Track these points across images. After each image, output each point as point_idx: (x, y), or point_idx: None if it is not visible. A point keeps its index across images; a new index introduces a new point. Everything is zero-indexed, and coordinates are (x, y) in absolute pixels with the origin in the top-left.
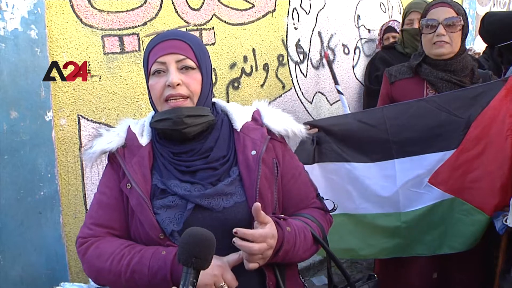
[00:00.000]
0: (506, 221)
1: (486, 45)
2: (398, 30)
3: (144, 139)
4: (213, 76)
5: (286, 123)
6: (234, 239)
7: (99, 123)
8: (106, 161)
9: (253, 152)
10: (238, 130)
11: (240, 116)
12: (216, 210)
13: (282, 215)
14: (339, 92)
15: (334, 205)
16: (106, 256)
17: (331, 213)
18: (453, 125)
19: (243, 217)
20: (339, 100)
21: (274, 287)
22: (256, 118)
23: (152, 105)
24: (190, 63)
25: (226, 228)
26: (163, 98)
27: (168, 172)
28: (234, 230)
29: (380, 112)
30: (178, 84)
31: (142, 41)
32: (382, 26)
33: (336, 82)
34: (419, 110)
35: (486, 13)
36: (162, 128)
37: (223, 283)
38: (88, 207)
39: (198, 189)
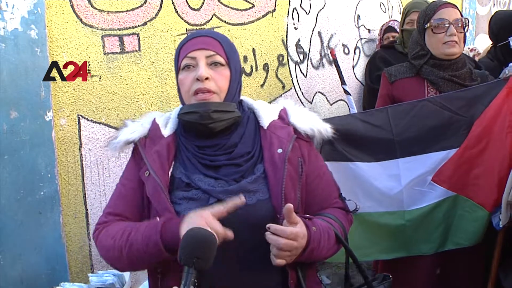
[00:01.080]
0: None
1: (492, 44)
2: (398, 30)
3: (166, 130)
4: (241, 75)
5: (313, 122)
6: (266, 233)
7: (99, 123)
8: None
9: (279, 150)
10: (265, 128)
11: (267, 114)
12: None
13: (308, 215)
14: (346, 92)
15: (357, 206)
16: (112, 235)
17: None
18: (456, 124)
19: (265, 214)
20: (339, 100)
21: (295, 285)
22: (283, 116)
23: (181, 100)
24: (220, 59)
25: (247, 225)
26: (191, 92)
27: (192, 166)
28: (267, 225)
29: (384, 112)
30: (206, 78)
31: (142, 41)
32: (382, 26)
33: (343, 82)
34: (423, 109)
35: (495, 12)
36: (189, 121)
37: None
38: (88, 207)
39: (222, 185)
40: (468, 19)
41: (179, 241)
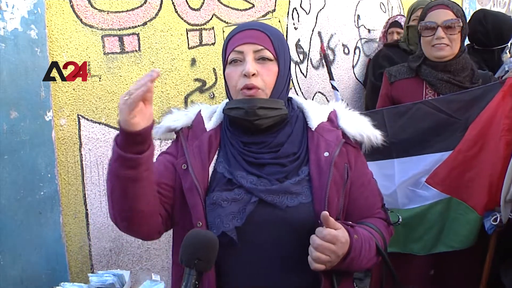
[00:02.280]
0: (494, 221)
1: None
2: (403, 26)
3: (210, 124)
4: (290, 71)
5: (363, 128)
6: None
7: (99, 123)
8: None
9: (326, 154)
10: (313, 129)
11: (316, 115)
12: (279, 207)
13: (350, 222)
14: (333, 87)
15: (399, 219)
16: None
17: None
18: (451, 127)
19: (306, 218)
20: (339, 100)
21: None
22: (332, 119)
23: (227, 94)
24: (268, 54)
25: (287, 227)
26: (238, 88)
27: (236, 162)
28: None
29: (380, 114)
30: (253, 74)
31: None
32: (388, 20)
33: (331, 77)
34: (419, 112)
35: (480, 10)
36: (234, 116)
37: (126, 97)
38: (88, 207)
39: (264, 184)
40: (459, 20)
41: (124, 133)
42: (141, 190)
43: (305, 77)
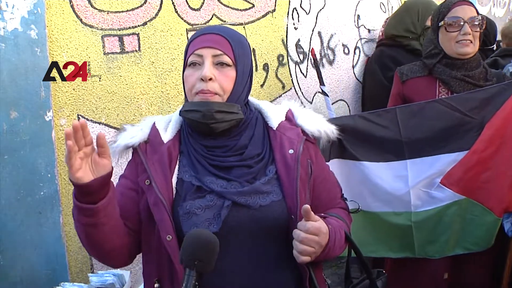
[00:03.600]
0: None
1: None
2: None
3: (167, 135)
4: (251, 76)
5: (319, 124)
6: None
7: (99, 123)
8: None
9: (291, 151)
10: (274, 129)
11: (275, 115)
12: (252, 207)
13: (322, 214)
14: (323, 93)
15: (359, 207)
16: None
17: (352, 214)
18: (466, 126)
19: (279, 215)
20: (339, 100)
21: (309, 284)
22: (290, 118)
23: (185, 95)
24: (226, 59)
25: (262, 226)
26: (195, 91)
27: (203, 168)
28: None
29: (393, 113)
30: (210, 79)
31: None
32: (387, 19)
33: (321, 83)
34: (432, 111)
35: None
36: (191, 119)
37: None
38: None
39: (235, 186)
40: (484, 17)
41: (77, 186)
42: (104, 234)
43: (305, 77)
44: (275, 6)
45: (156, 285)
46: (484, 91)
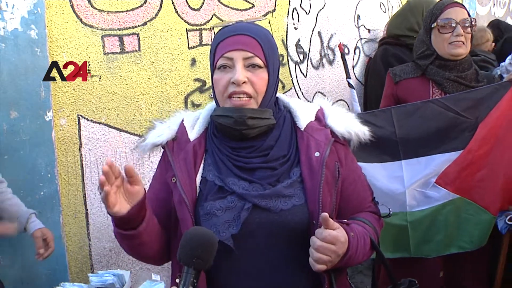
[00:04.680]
0: (510, 220)
1: None
2: None
3: (193, 133)
4: (279, 77)
5: (350, 125)
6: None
7: (99, 123)
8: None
9: (317, 154)
10: (302, 130)
11: (304, 115)
12: (273, 211)
13: (346, 220)
14: (350, 85)
15: (390, 211)
16: None
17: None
18: (461, 126)
19: (300, 220)
20: (339, 100)
21: None
22: (320, 118)
23: (214, 98)
24: (258, 61)
25: (282, 230)
26: (226, 95)
27: (226, 169)
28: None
29: (388, 113)
30: (243, 82)
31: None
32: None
33: (347, 76)
34: (427, 111)
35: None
36: (222, 124)
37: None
38: (88, 207)
39: (257, 189)
40: (475, 19)
41: (115, 217)
42: (147, 247)
43: (305, 77)
44: (275, 6)
45: (177, 280)
46: (478, 92)
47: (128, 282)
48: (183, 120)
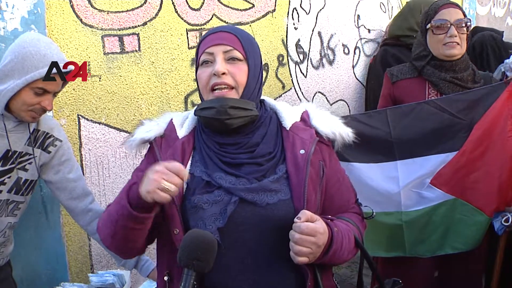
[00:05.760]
0: (506, 221)
1: None
2: None
3: (182, 131)
4: (262, 75)
5: (334, 126)
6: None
7: (99, 123)
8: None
9: (302, 151)
10: (288, 129)
11: (289, 115)
12: (259, 205)
13: (330, 216)
14: None
15: (373, 213)
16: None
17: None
18: (456, 127)
19: (286, 214)
20: (339, 100)
21: (313, 287)
22: (305, 119)
23: (200, 97)
24: (237, 54)
25: (268, 225)
26: (209, 87)
27: (214, 164)
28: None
29: (383, 114)
30: (223, 73)
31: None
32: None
33: None
34: (422, 112)
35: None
36: (205, 116)
37: (165, 183)
38: None
39: (243, 183)
40: (470, 20)
41: (141, 200)
42: (140, 235)
43: (305, 77)
44: (275, 6)
45: (165, 277)
46: (473, 93)
47: (128, 282)
48: (172, 119)
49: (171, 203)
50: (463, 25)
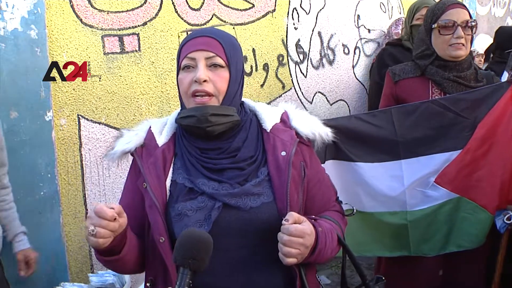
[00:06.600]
0: (508, 219)
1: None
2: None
3: (161, 138)
4: (243, 77)
5: (314, 126)
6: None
7: (99, 123)
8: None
9: (283, 153)
10: (268, 131)
11: (269, 117)
12: (243, 209)
13: (313, 216)
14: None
15: (354, 210)
16: None
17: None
18: (459, 126)
19: (270, 216)
20: (339, 100)
21: (300, 287)
22: (285, 120)
23: (180, 101)
24: (219, 61)
25: (252, 228)
26: (189, 93)
27: (196, 171)
28: (286, 217)
29: (388, 113)
30: (204, 81)
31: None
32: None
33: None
34: (427, 111)
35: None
36: (187, 125)
37: (93, 228)
38: (88, 207)
39: (226, 188)
40: (476, 21)
41: (98, 250)
42: (129, 263)
43: (305, 77)
44: (275, 6)
45: (148, 284)
46: (477, 92)
47: (128, 282)
48: (150, 127)
49: (155, 210)
50: (470, 26)
